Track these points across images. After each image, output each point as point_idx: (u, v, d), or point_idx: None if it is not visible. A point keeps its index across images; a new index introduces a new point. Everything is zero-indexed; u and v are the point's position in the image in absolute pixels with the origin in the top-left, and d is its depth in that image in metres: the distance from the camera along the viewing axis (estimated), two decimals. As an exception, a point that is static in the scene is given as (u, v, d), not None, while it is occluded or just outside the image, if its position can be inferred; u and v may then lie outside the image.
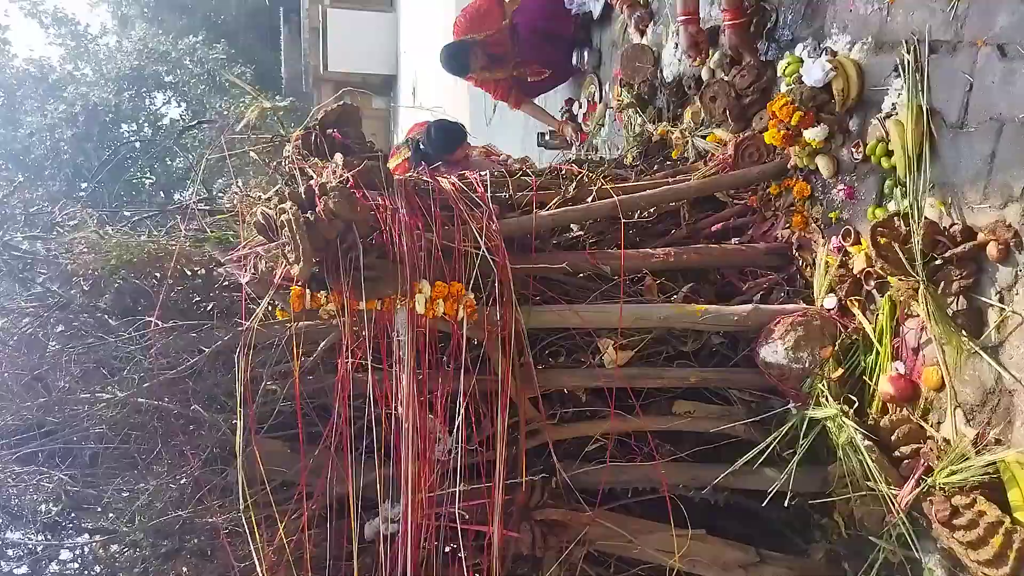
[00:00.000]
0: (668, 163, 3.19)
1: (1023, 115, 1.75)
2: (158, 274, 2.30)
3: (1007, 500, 1.76)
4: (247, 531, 2.01)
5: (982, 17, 1.84)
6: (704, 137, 3.06)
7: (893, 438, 2.06)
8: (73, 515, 2.33)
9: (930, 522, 1.95)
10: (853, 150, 2.29)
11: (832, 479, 2.24)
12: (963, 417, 1.92)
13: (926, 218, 1.94)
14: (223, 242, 2.35)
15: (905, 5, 2.10)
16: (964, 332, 1.88)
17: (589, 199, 2.61)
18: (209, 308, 2.36)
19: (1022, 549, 1.67)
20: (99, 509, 2.28)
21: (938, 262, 1.89)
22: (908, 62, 2.04)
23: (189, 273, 2.38)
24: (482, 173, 2.61)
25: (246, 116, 2.62)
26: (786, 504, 2.45)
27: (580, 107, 4.84)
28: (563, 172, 2.74)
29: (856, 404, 2.18)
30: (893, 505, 2.02)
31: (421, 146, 3.62)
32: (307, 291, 2.13)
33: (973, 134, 1.88)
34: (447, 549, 2.26)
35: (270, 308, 2.24)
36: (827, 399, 2.19)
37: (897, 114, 2.08)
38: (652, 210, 2.79)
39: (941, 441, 1.95)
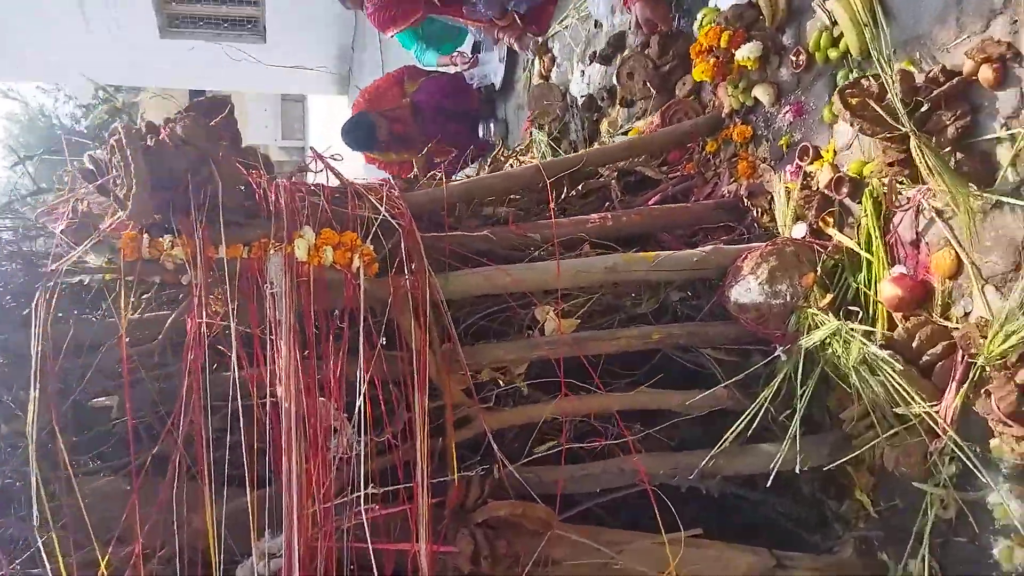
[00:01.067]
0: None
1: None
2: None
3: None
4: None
5: None
6: (626, 133, 2.81)
7: (915, 345, 1.62)
8: None
9: (989, 432, 1.49)
10: (793, 60, 2.04)
11: (840, 442, 1.77)
12: (995, 293, 1.53)
13: (900, 69, 1.65)
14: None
15: None
16: (974, 185, 1.53)
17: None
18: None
19: None
20: None
21: (924, 108, 1.57)
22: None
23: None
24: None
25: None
26: (794, 494, 1.95)
27: (490, 171, 4.62)
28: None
29: (859, 318, 1.76)
30: (937, 425, 1.55)
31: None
32: (144, 236, 1.62)
33: (929, -29, 1.65)
34: (355, 581, 1.60)
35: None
36: (823, 320, 1.75)
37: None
38: (579, 187, 2.43)
39: (979, 322, 1.53)
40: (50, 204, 1.69)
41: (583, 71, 3.40)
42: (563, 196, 2.42)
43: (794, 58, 2.04)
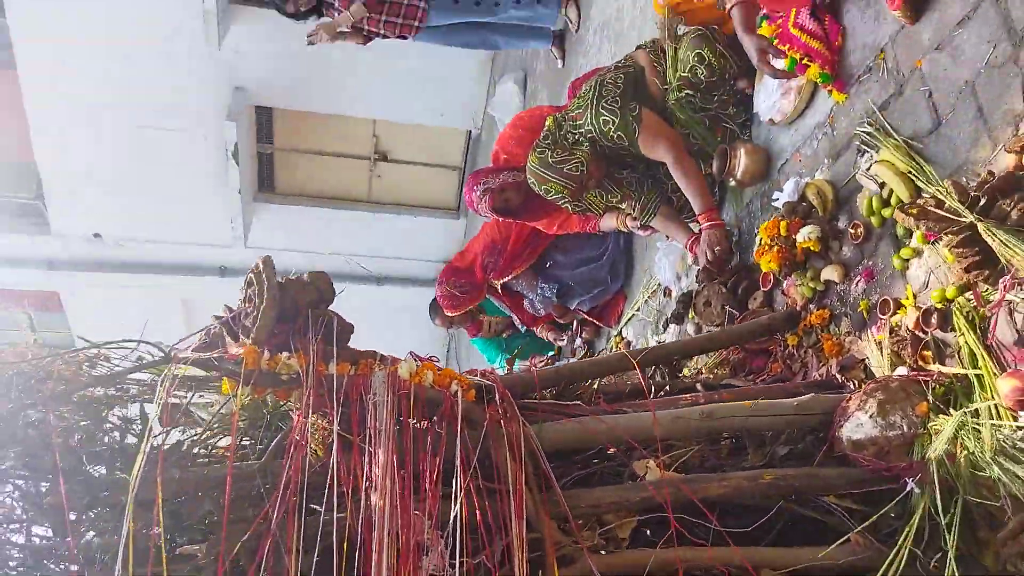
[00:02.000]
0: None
1: (979, 65, 1.83)
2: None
3: None
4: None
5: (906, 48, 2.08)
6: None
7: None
8: None
9: None
10: (852, 233, 2.22)
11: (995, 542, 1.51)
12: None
13: (950, 180, 1.80)
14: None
15: (846, 111, 2.35)
16: (1056, 251, 1.57)
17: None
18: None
19: None
20: None
21: (983, 202, 1.69)
22: (866, 128, 2.18)
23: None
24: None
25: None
26: None
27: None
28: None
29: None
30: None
31: None
32: (265, 351, 1.74)
33: (953, 115, 1.91)
34: None
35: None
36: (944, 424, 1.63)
37: (876, 159, 2.11)
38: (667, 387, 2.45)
39: None
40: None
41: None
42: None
43: (852, 231, 2.22)
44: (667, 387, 2.43)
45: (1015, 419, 1.59)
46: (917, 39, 2.05)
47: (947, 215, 1.72)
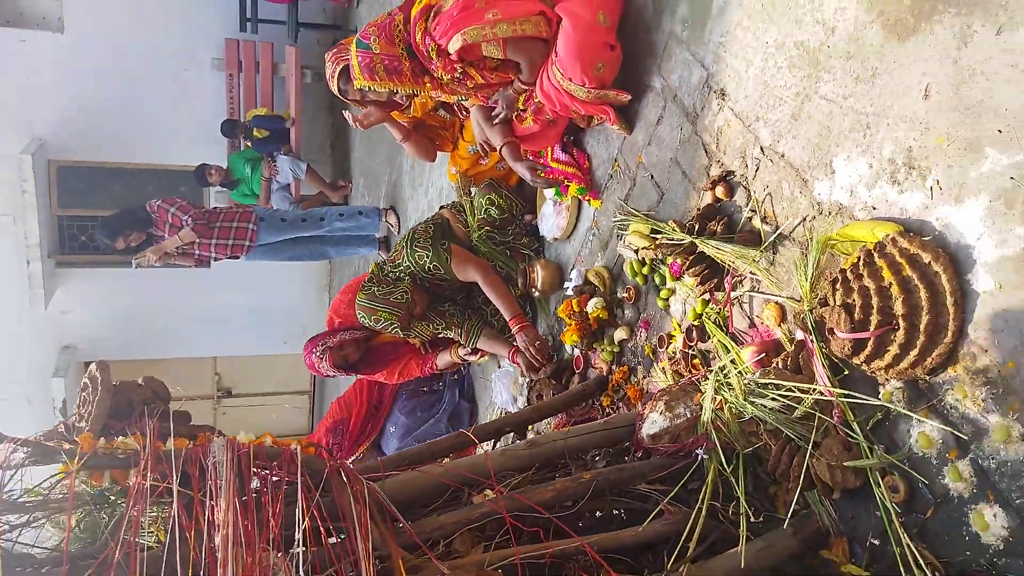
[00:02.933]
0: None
1: (676, 144, 2.45)
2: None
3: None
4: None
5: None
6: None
7: (778, 365, 1.88)
8: None
9: (875, 383, 1.67)
10: (626, 296, 2.68)
11: (800, 522, 1.82)
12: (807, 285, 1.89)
13: (673, 220, 2.32)
14: None
15: (603, 212, 2.92)
16: (748, 245, 2.06)
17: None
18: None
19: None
20: None
21: (696, 228, 2.20)
22: (618, 218, 2.73)
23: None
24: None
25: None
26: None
27: None
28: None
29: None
30: (831, 406, 1.71)
31: None
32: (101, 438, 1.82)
33: (669, 184, 2.49)
34: None
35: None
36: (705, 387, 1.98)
37: (627, 233, 2.63)
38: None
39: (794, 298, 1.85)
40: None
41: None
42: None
43: (626, 294, 2.68)
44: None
45: (757, 373, 1.97)
46: (635, 142, 2.69)
47: (674, 242, 2.21)
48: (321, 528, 1.71)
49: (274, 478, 1.81)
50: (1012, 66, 1.41)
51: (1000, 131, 1.43)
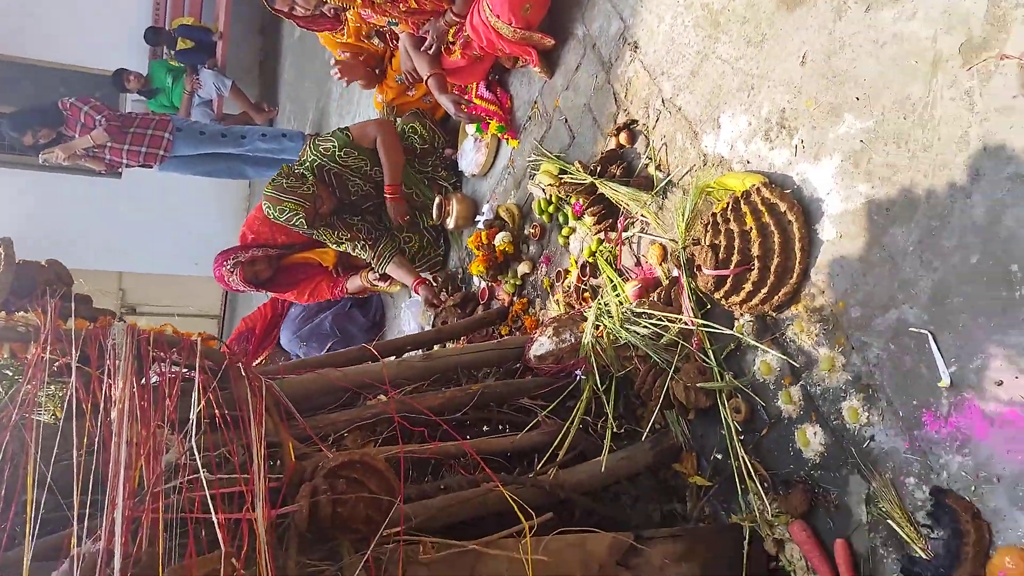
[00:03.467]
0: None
1: (590, 91, 2.58)
2: None
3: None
4: None
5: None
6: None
7: (651, 300, 2.07)
8: None
9: (731, 317, 1.87)
10: (532, 232, 2.83)
11: (659, 438, 2.02)
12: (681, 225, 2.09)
13: (578, 161, 2.48)
14: None
15: (520, 152, 3.05)
16: (643, 189, 2.23)
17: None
18: None
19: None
20: None
21: (598, 170, 2.36)
22: (532, 159, 2.86)
23: None
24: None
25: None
26: (645, 499, 2.05)
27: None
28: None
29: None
30: (692, 334, 1.92)
31: None
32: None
33: (581, 128, 2.63)
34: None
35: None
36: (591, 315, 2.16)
37: (539, 172, 2.77)
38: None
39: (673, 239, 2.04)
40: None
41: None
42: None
43: (532, 231, 2.84)
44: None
45: (635, 304, 2.16)
46: (554, 87, 2.81)
47: (577, 182, 2.37)
48: (217, 415, 1.81)
49: (172, 367, 1.89)
50: (874, 41, 1.60)
51: (857, 98, 1.62)
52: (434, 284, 3.38)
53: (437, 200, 3.41)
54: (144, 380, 1.83)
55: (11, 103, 7.55)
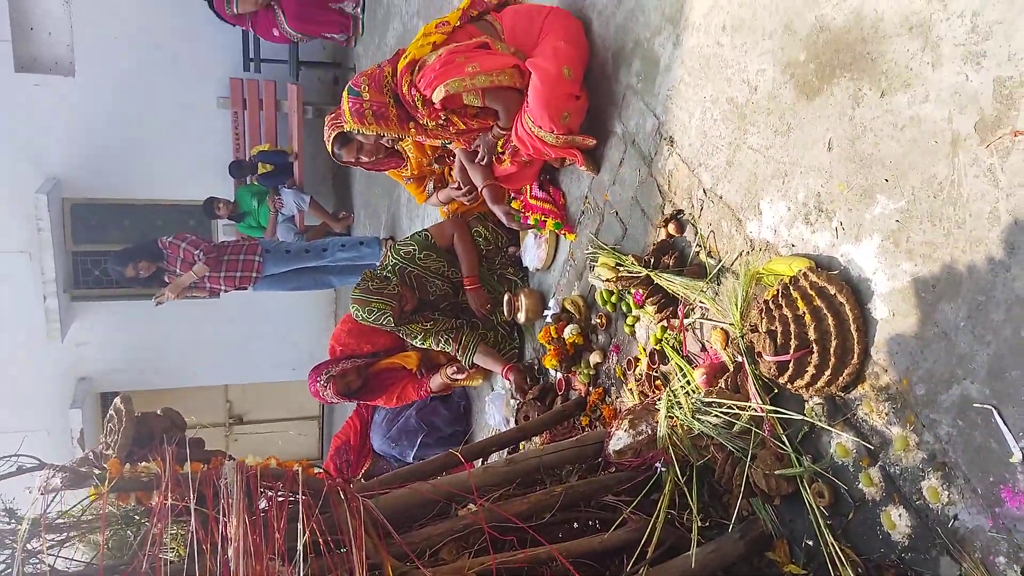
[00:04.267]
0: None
1: (636, 185, 2.69)
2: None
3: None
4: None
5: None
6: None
7: (719, 387, 2.11)
8: None
9: (801, 400, 1.89)
10: (599, 323, 2.92)
11: (747, 526, 2.04)
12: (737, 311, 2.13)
13: (632, 255, 2.56)
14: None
15: (578, 245, 3.17)
16: (697, 277, 2.30)
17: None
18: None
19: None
20: None
21: (652, 262, 2.44)
22: (590, 251, 2.97)
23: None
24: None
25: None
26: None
27: None
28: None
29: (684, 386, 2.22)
30: (763, 421, 1.94)
31: None
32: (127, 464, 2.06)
33: (631, 221, 2.73)
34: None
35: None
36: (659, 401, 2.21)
37: (597, 265, 2.87)
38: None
39: (733, 325, 2.08)
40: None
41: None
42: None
43: (598, 321, 2.92)
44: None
45: (703, 392, 2.20)
46: (601, 182, 2.94)
47: (633, 274, 2.46)
48: (320, 540, 1.95)
49: (278, 497, 2.05)
50: (893, 124, 1.65)
51: (887, 180, 1.67)
52: (522, 369, 3.49)
53: (506, 296, 3.56)
54: (254, 515, 1.99)
55: (115, 240, 8.30)
